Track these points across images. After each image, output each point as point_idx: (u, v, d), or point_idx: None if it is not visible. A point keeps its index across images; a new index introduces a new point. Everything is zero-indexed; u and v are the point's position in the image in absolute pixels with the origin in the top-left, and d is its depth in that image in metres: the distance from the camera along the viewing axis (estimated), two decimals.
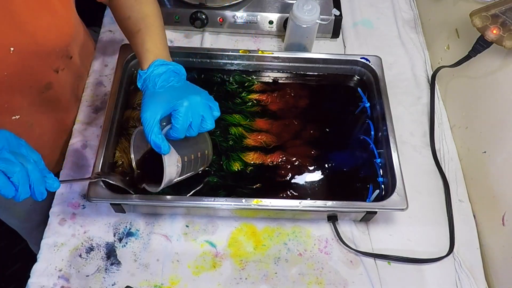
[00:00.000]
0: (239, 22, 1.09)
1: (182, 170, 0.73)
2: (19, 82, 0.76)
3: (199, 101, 0.68)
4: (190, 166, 0.75)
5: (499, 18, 0.80)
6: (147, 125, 0.67)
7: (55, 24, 0.75)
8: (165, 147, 0.67)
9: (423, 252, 0.83)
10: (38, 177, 0.57)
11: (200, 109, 0.68)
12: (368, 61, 0.95)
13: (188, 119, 0.67)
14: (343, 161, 0.88)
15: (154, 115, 0.66)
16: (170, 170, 0.70)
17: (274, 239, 0.84)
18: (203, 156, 0.76)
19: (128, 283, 0.78)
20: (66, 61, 0.85)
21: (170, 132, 0.68)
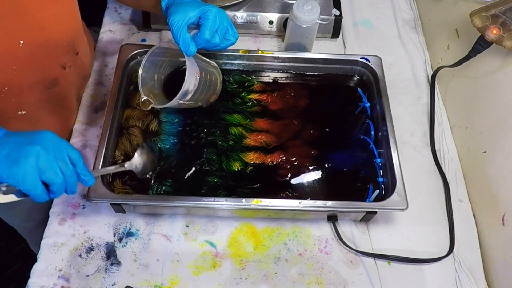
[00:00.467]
0: (239, 22, 1.08)
1: (198, 86, 0.75)
2: (27, 76, 0.76)
3: (225, 13, 0.73)
4: (205, 87, 0.78)
5: (499, 18, 0.80)
6: (176, 25, 0.70)
7: (61, 16, 0.76)
8: (192, 47, 0.71)
9: (423, 252, 0.83)
10: (73, 182, 0.61)
11: (225, 19, 0.73)
12: (368, 61, 0.95)
13: (216, 23, 0.72)
14: (343, 161, 0.88)
15: (183, 17, 0.70)
16: (190, 79, 0.73)
17: (274, 239, 0.84)
18: (215, 83, 0.80)
19: (128, 283, 0.78)
20: (73, 57, 0.86)
21: (197, 36, 0.72)
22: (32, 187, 0.57)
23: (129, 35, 1.10)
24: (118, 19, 1.13)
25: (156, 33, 1.10)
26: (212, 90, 0.80)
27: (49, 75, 0.81)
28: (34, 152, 0.57)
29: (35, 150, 0.57)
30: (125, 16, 1.14)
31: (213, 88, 0.80)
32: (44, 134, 0.60)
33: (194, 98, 0.77)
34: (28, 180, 0.57)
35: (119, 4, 1.16)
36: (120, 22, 1.12)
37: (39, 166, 0.57)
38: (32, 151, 0.57)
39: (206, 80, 0.77)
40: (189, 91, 0.74)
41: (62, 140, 0.61)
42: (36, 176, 0.57)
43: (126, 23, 1.12)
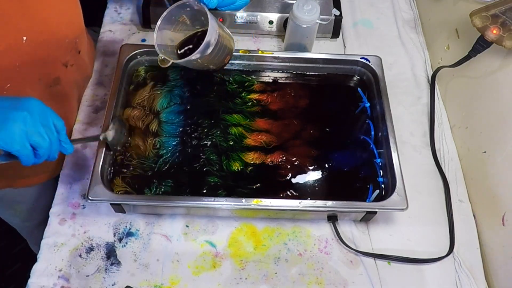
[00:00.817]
0: (239, 22, 1.08)
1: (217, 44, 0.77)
2: (30, 73, 0.77)
3: None
4: (222, 46, 0.79)
5: (499, 18, 0.80)
6: None
7: (65, 13, 0.77)
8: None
9: (423, 252, 0.83)
10: (56, 148, 0.66)
11: None
12: (368, 61, 0.95)
13: None
14: (343, 161, 0.88)
15: None
16: (212, 31, 0.75)
17: (274, 239, 0.84)
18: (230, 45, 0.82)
19: (128, 283, 0.78)
20: (75, 56, 0.86)
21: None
22: (21, 147, 0.60)
23: (129, 35, 1.10)
24: (118, 19, 1.13)
25: None
26: (227, 51, 0.83)
27: (51, 73, 0.82)
28: (21, 117, 0.60)
29: (22, 115, 0.60)
30: (125, 16, 1.14)
31: (228, 49, 0.82)
32: (30, 101, 0.62)
33: (212, 55, 0.79)
34: (17, 141, 0.59)
35: (119, 4, 1.16)
36: (120, 22, 1.12)
37: (26, 130, 0.60)
38: (20, 115, 0.60)
39: (223, 39, 0.79)
40: (210, 44, 0.76)
41: (47, 108, 0.64)
42: (24, 137, 0.60)
43: (126, 23, 1.12)
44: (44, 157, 0.64)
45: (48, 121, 0.63)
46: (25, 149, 0.61)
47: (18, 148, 0.60)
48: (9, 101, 0.62)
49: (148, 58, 0.95)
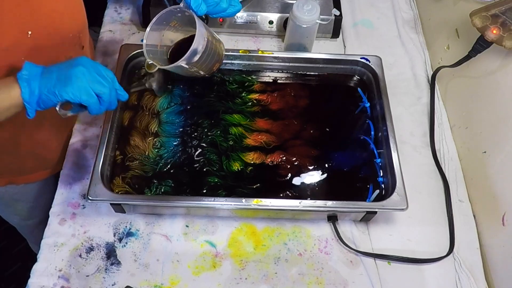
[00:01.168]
0: (239, 22, 1.08)
1: (205, 50, 0.77)
2: None
3: None
4: (211, 52, 0.79)
5: (499, 18, 0.80)
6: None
7: (69, 7, 0.79)
8: (203, 6, 0.73)
9: (423, 252, 0.83)
10: (114, 95, 0.71)
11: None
12: (368, 61, 0.95)
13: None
14: (343, 161, 0.88)
15: None
16: (199, 39, 0.75)
17: (274, 239, 0.84)
18: (219, 51, 0.82)
19: (128, 283, 0.78)
20: (79, 51, 0.87)
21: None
22: (88, 96, 0.66)
23: (129, 35, 1.10)
24: (118, 19, 1.13)
25: None
26: (217, 57, 0.82)
27: None
28: (80, 71, 0.66)
29: (80, 69, 0.66)
30: (125, 16, 1.14)
31: (217, 55, 0.82)
32: (81, 58, 0.68)
33: (200, 62, 0.79)
34: (83, 92, 0.66)
35: (119, 4, 1.16)
36: (120, 22, 1.12)
37: (87, 81, 0.66)
38: (79, 70, 0.66)
39: (212, 45, 0.79)
40: (197, 51, 0.76)
41: (96, 62, 0.70)
42: (89, 88, 0.66)
43: (126, 23, 1.12)
44: (106, 103, 0.69)
45: (101, 71, 0.69)
46: (92, 97, 0.67)
47: (86, 98, 0.66)
48: (64, 63, 0.68)
49: None
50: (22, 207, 1.07)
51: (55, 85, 0.65)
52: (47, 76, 0.66)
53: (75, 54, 0.85)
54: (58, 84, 0.65)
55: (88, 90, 0.66)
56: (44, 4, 0.73)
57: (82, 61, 0.68)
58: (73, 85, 0.65)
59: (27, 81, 0.64)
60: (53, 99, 0.66)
